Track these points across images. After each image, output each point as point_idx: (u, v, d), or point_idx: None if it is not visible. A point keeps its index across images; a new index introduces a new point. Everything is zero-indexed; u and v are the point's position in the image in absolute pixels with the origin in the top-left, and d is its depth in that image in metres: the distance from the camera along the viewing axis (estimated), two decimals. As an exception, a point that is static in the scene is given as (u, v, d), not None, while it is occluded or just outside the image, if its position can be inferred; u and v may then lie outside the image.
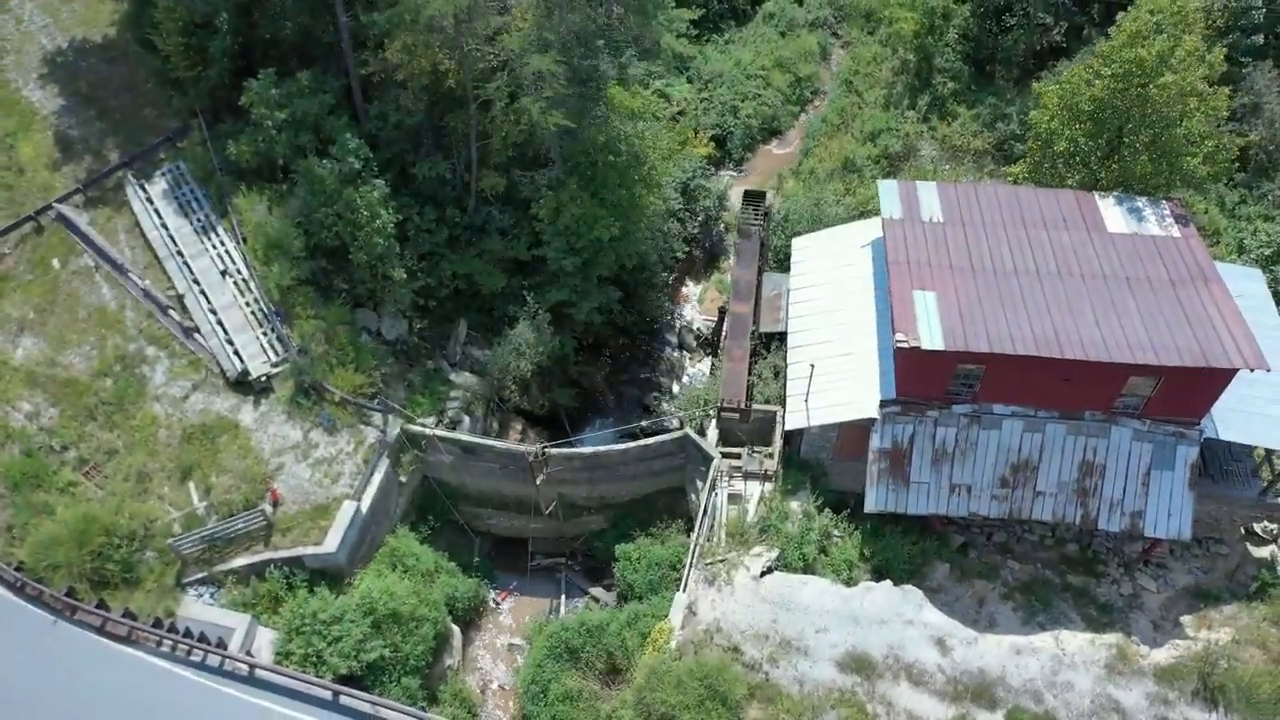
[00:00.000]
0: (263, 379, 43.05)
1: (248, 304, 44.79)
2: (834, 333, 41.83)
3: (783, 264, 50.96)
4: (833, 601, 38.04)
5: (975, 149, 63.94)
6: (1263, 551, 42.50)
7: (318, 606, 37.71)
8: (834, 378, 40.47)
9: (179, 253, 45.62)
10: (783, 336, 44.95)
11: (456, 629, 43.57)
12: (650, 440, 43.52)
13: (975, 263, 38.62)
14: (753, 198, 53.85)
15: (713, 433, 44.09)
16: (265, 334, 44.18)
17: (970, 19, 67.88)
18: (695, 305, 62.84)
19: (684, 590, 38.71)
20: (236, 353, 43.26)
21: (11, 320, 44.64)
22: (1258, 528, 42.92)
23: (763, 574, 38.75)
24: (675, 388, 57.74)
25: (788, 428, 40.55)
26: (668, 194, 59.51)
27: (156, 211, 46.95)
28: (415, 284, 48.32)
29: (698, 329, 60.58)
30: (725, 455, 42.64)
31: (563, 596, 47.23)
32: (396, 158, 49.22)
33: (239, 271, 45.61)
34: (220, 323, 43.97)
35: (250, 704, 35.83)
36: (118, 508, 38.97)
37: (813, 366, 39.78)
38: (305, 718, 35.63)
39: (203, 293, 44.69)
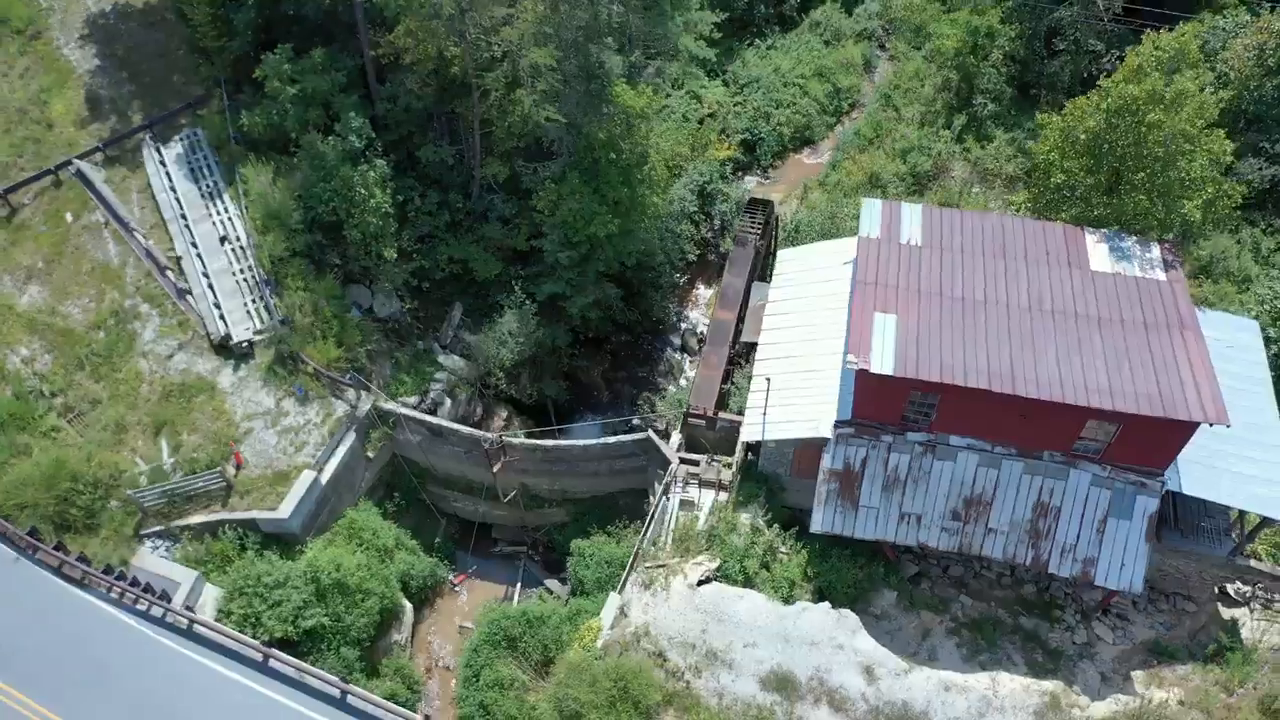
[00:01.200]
0: (244, 345, 44.33)
1: (241, 271, 46.14)
2: (802, 348, 41.40)
3: (782, 274, 50.53)
4: (766, 618, 37.75)
5: (1007, 174, 62.66)
6: (1234, 614, 41.00)
7: (263, 570, 38.78)
8: (795, 393, 40.09)
9: (182, 215, 47.20)
10: (762, 348, 44.68)
11: (409, 606, 44.39)
12: (611, 439, 43.72)
13: (945, 290, 37.82)
14: (756, 205, 53.51)
15: (676, 438, 44.01)
16: (254, 301, 45.45)
17: (1017, 41, 66.38)
18: (704, 309, 62.68)
19: (620, 591, 38.84)
20: (222, 317, 44.63)
21: (21, 268, 46.69)
22: (1230, 589, 41.38)
23: (700, 583, 38.62)
24: (672, 389, 57.69)
25: (742, 439, 40.35)
26: (684, 195, 59.59)
27: (168, 174, 48.61)
28: (410, 265, 49.22)
29: (701, 332, 60.42)
30: (684, 461, 42.57)
31: (518, 585, 47.74)
32: (404, 140, 50.17)
33: (238, 239, 46.98)
34: (211, 286, 45.39)
35: (187, 657, 37.03)
36: (89, 455, 40.58)
37: (768, 380, 39.50)
38: (236, 675, 36.67)
39: (199, 256, 46.16)
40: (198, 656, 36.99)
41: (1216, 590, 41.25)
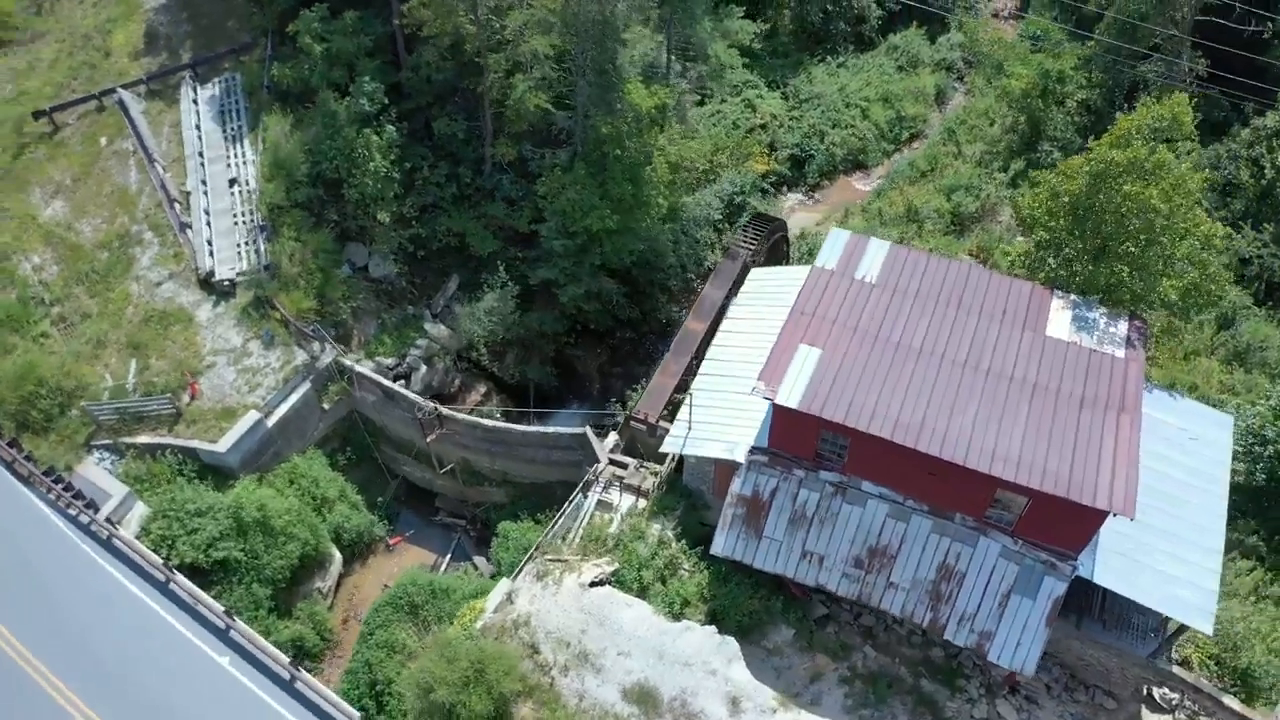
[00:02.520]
0: (226, 283, 46.34)
1: (241, 214, 48.19)
2: (742, 369, 40.71)
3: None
4: (648, 630, 37.51)
5: (1052, 225, 59.95)
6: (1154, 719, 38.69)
7: (188, 497, 40.60)
8: (724, 412, 39.59)
9: (200, 153, 49.55)
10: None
11: (339, 556, 45.70)
12: (549, 429, 44.02)
13: (884, 332, 36.66)
14: (761, 220, 52.79)
15: (612, 438, 44.00)
16: (246, 244, 47.41)
17: (1095, 91, 63.49)
18: (715, 317, 62.08)
19: (513, 578, 39.19)
20: (212, 254, 46.74)
21: (53, 182, 49.95)
22: (1157, 693, 39.00)
23: (593, 584, 38.63)
24: (662, 392, 57.47)
25: (660, 450, 40.13)
26: (711, 202, 59.20)
27: (198, 113, 51.08)
28: (407, 231, 50.47)
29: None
30: (614, 463, 42.55)
31: (448, 557, 48.57)
32: (423, 109, 51.37)
33: (246, 183, 49.07)
34: (209, 223, 47.57)
35: (100, 566, 39.15)
36: (63, 364, 43.20)
37: (691, 395, 39.12)
38: (138, 591, 38.58)
39: (205, 193, 48.42)
40: (109, 567, 39.04)
41: (1144, 691, 38.98)
